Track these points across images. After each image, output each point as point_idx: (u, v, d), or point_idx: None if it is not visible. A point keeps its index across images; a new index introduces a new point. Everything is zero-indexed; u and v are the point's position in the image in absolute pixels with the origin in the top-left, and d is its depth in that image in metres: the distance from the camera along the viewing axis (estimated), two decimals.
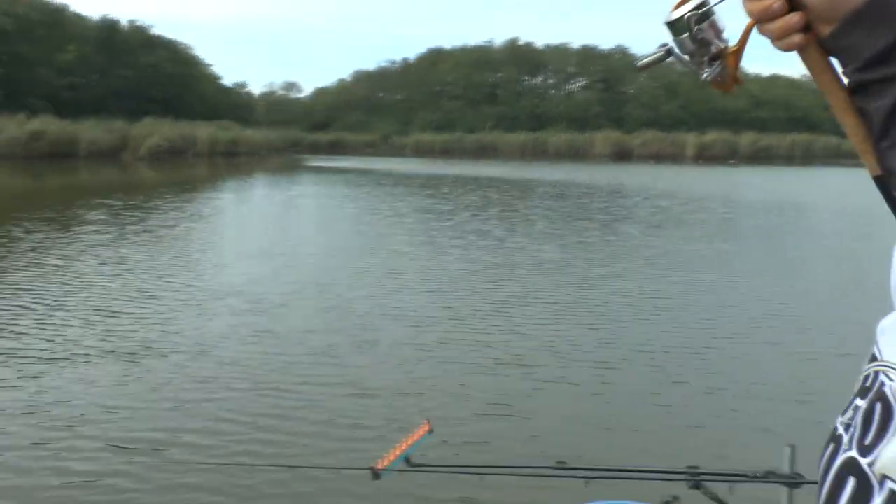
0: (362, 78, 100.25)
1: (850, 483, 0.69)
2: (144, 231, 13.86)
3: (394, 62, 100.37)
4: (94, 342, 6.62)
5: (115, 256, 10.99)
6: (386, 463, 2.40)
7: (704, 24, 0.96)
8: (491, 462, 4.00)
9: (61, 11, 60.81)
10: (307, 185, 27.44)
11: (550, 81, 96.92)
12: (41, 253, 11.07)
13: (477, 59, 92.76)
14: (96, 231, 13.66)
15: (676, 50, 1.02)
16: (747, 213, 20.43)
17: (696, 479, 2.04)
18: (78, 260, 10.66)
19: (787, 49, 0.92)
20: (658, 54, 1.08)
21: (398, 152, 71.50)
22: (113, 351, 6.37)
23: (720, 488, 2.01)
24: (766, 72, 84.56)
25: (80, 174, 32.87)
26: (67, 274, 9.63)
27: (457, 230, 14.99)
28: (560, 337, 7.18)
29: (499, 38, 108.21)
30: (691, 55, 1.02)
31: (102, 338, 6.76)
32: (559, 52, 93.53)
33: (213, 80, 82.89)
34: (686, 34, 0.97)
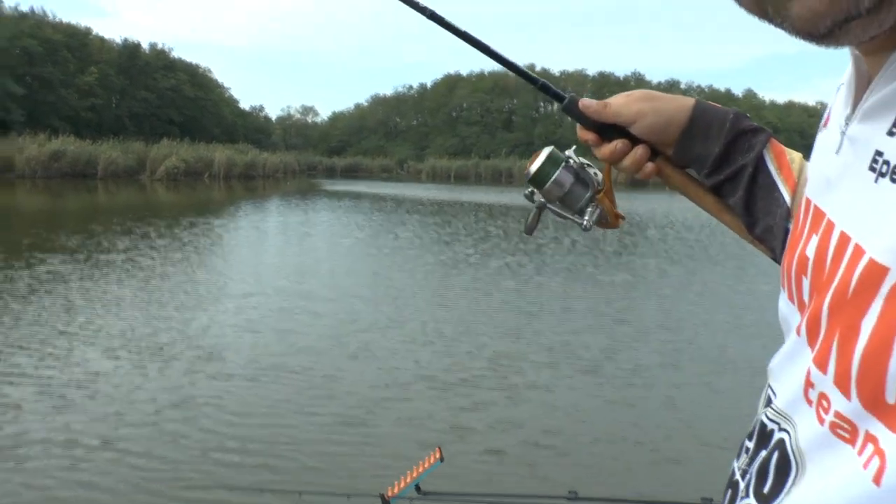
0: (379, 103, 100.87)
1: None
2: (139, 260, 13.92)
3: (411, 87, 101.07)
4: (71, 375, 6.63)
5: (95, 290, 11.04)
6: (396, 490, 2.38)
7: (560, 171, 1.03)
8: (502, 491, 3.95)
9: (85, 34, 61.75)
10: (319, 212, 27.47)
11: None
12: (12, 282, 11.14)
13: (493, 85, 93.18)
14: (68, 261, 13.73)
15: (548, 203, 1.05)
16: None
17: None
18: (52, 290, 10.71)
19: (646, 177, 1.05)
20: (533, 212, 1.08)
21: (414, 177, 71.73)
22: (119, 361, 6.38)
23: None
24: (781, 99, 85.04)
25: (97, 195, 33.13)
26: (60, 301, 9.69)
27: (470, 259, 14.97)
28: (574, 367, 7.12)
29: (515, 63, 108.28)
30: (565, 204, 1.04)
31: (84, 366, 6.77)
32: (575, 79, 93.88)
33: (231, 103, 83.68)
34: (549, 182, 1.00)
